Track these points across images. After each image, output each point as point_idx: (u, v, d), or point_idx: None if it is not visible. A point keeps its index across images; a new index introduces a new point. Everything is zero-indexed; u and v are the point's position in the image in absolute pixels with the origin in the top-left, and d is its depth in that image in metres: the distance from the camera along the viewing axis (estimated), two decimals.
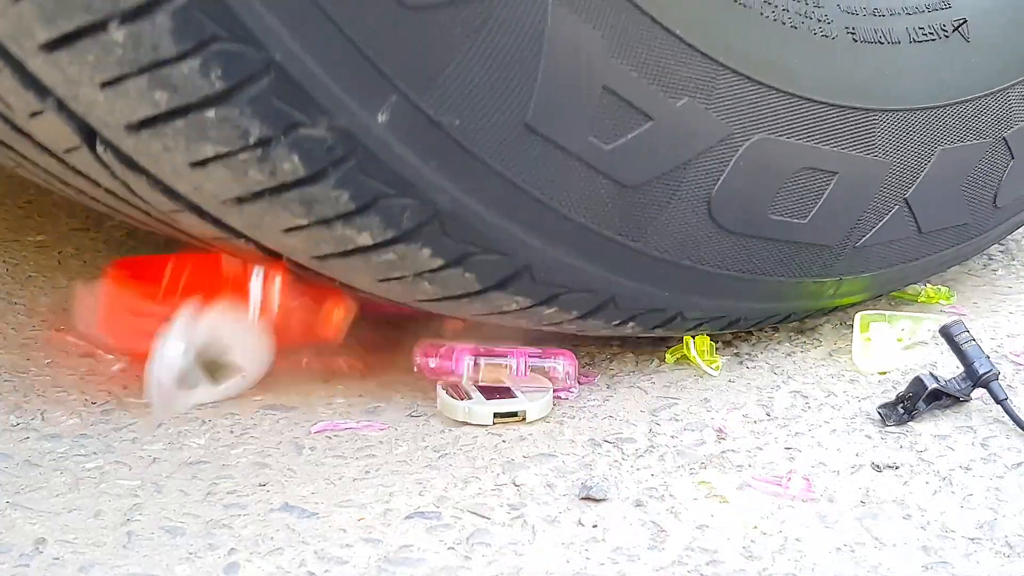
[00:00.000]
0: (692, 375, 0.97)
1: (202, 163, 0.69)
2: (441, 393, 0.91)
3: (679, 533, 0.75)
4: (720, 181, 0.85)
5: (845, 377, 0.96)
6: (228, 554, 0.73)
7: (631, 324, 0.90)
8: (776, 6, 0.87)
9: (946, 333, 0.90)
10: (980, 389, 0.89)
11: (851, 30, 0.91)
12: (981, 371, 0.88)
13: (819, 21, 0.89)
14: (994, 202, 1.03)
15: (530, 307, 0.85)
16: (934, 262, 1.04)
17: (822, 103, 0.89)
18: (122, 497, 0.80)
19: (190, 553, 0.73)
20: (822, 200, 0.91)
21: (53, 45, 0.63)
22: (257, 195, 0.72)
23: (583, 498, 0.79)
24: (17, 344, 1.06)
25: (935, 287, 1.11)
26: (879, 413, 0.89)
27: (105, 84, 0.65)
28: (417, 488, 0.81)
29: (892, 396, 0.91)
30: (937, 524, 0.77)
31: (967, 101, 0.98)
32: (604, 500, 0.79)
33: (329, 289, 0.95)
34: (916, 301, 1.10)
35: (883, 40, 0.92)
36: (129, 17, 0.62)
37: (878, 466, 0.83)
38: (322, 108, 0.68)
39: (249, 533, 0.75)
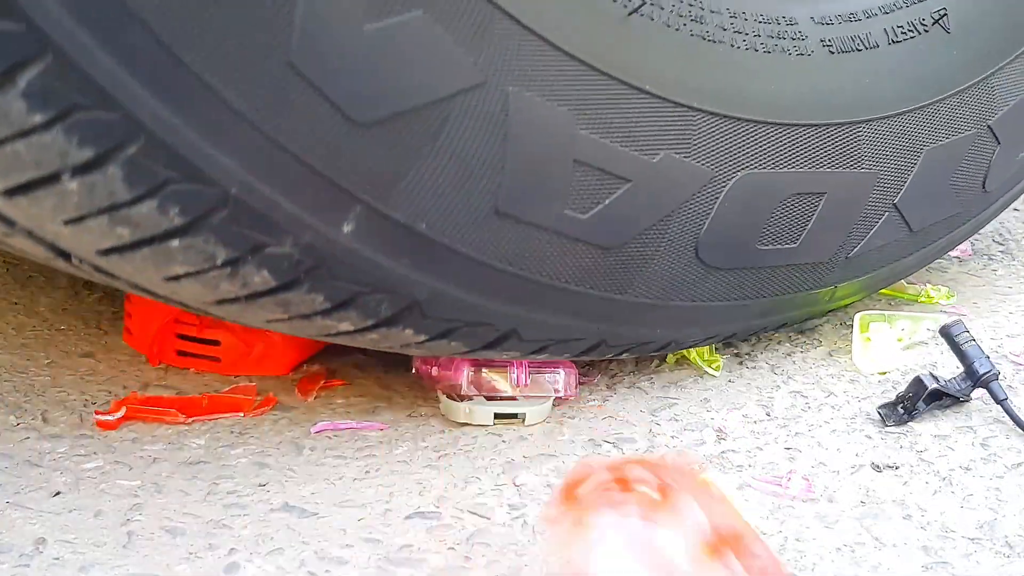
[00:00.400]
0: (692, 375, 0.97)
1: (175, 278, 0.69)
2: (442, 394, 0.91)
3: None
4: (706, 224, 0.84)
5: (845, 377, 0.96)
6: (228, 554, 0.73)
7: (625, 354, 0.90)
8: (747, 34, 0.84)
9: (946, 333, 0.90)
10: (980, 389, 0.89)
11: (827, 42, 0.89)
12: (981, 371, 0.88)
13: (793, 39, 0.87)
14: (983, 188, 1.02)
15: (522, 355, 0.85)
16: (928, 253, 1.03)
17: (804, 126, 0.87)
18: (122, 497, 0.80)
19: (190, 553, 0.73)
20: (811, 222, 0.90)
21: (11, 192, 0.63)
22: (233, 300, 0.72)
23: None
24: (17, 344, 1.06)
25: (935, 287, 1.11)
26: (879, 413, 0.89)
27: (67, 222, 0.65)
28: (417, 488, 0.81)
29: (892, 396, 0.91)
30: (937, 524, 0.77)
31: (951, 95, 0.96)
32: None
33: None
34: (916, 301, 1.10)
35: (861, 47, 0.90)
36: (80, 170, 0.62)
37: (878, 466, 0.83)
38: (285, 229, 0.67)
39: (249, 533, 0.75)
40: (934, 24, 0.92)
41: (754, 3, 0.86)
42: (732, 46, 0.83)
